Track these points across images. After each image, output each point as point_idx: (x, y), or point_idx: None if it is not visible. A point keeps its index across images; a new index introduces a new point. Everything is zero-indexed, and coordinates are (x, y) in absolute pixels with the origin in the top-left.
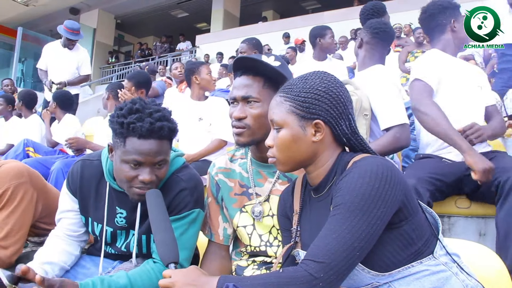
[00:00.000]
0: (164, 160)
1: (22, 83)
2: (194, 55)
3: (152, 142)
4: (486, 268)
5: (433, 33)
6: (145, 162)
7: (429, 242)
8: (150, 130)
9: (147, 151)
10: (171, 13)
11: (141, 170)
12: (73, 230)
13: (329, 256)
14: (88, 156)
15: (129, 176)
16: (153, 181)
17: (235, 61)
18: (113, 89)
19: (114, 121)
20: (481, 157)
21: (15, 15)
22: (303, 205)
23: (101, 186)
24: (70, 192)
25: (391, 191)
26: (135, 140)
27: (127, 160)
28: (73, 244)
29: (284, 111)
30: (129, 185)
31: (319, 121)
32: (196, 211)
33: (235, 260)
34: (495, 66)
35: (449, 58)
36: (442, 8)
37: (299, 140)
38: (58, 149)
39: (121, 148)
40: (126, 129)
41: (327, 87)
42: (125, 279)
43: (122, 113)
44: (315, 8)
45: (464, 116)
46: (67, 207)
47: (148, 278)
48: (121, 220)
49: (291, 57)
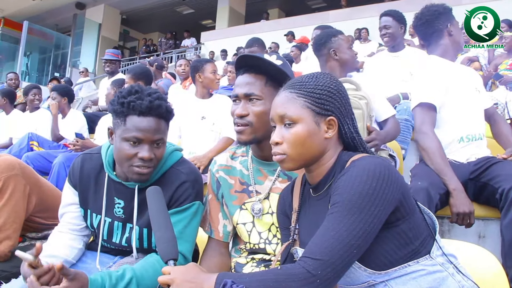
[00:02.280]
0: (162, 140)
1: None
2: (199, 52)
3: (150, 120)
4: (485, 270)
5: (431, 39)
6: (144, 139)
7: (426, 242)
8: (149, 107)
9: (146, 128)
10: (176, 10)
11: (140, 147)
12: (76, 224)
13: (326, 253)
14: (89, 151)
15: (129, 154)
16: (152, 158)
17: (237, 59)
18: (120, 85)
19: (115, 102)
20: (465, 200)
21: (21, 9)
22: (302, 203)
23: (100, 177)
24: (72, 185)
25: (388, 190)
26: (135, 118)
27: (127, 138)
28: (76, 239)
29: (299, 107)
30: (129, 163)
31: (333, 117)
32: (197, 203)
33: (234, 257)
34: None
35: (449, 65)
36: (437, 14)
37: (314, 136)
38: (63, 143)
39: (121, 127)
40: (127, 107)
41: (337, 86)
42: (131, 273)
43: (122, 95)
44: (320, 7)
45: (467, 121)
46: (69, 201)
47: (154, 270)
48: (119, 210)
49: (295, 55)
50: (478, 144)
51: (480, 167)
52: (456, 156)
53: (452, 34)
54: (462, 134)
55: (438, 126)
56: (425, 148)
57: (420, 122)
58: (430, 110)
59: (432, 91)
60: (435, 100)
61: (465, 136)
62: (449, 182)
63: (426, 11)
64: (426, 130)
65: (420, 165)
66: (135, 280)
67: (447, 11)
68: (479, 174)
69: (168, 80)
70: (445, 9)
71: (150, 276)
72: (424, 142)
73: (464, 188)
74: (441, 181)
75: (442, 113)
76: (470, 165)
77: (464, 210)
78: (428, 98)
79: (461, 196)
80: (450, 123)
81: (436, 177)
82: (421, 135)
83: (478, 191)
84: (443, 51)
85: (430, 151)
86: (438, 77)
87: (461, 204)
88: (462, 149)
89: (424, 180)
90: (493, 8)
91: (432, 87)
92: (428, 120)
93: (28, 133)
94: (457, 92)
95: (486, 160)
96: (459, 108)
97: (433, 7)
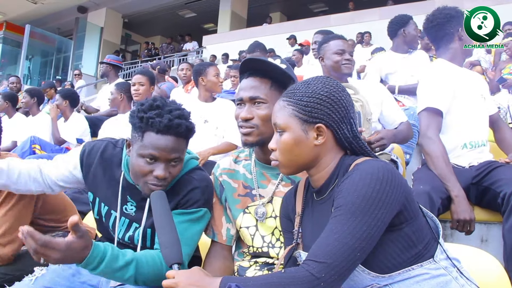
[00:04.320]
0: (179, 158)
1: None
2: (201, 56)
3: (169, 138)
4: (487, 274)
5: (441, 42)
6: (160, 157)
7: (429, 245)
8: (168, 126)
9: (163, 146)
10: (178, 13)
11: (156, 165)
12: (55, 177)
13: (330, 256)
14: (115, 141)
15: (144, 170)
16: (166, 177)
17: (242, 62)
18: (125, 88)
19: (135, 115)
20: (466, 207)
21: (23, 13)
22: (305, 207)
23: (116, 172)
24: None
25: (392, 193)
26: (153, 135)
27: (144, 154)
28: (38, 180)
29: (287, 115)
30: (143, 180)
31: (321, 125)
32: (204, 210)
33: (238, 261)
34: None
35: (457, 70)
36: (449, 17)
37: (301, 144)
38: (65, 147)
39: (138, 142)
40: (145, 123)
41: (329, 91)
42: (132, 255)
43: (142, 109)
44: (322, 11)
45: (471, 127)
46: (69, 168)
47: (153, 260)
48: (131, 208)
49: (297, 59)
50: (481, 150)
51: (482, 171)
52: (459, 160)
53: (462, 38)
54: (466, 140)
55: (442, 131)
56: (429, 153)
57: (426, 126)
58: (436, 115)
59: (439, 96)
60: (442, 105)
61: (469, 143)
62: (452, 188)
63: (438, 14)
64: (431, 134)
65: (423, 169)
66: (135, 263)
67: (459, 15)
68: (481, 179)
69: (171, 83)
70: (457, 13)
71: (150, 266)
72: (428, 146)
73: (466, 192)
74: (441, 185)
75: (447, 118)
76: (472, 170)
77: (465, 217)
78: (435, 103)
79: (463, 203)
80: (454, 129)
81: (439, 182)
82: (426, 140)
83: (480, 195)
84: (452, 56)
85: (434, 156)
86: (446, 82)
87: (462, 211)
88: (465, 154)
89: (426, 184)
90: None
91: (440, 92)
92: (434, 125)
93: (30, 137)
94: (463, 98)
95: (488, 164)
96: (464, 114)
97: (445, 10)
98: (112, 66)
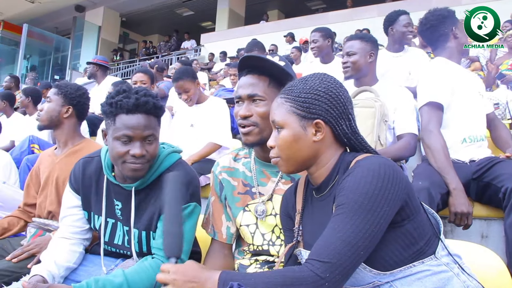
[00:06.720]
0: (153, 136)
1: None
2: (199, 54)
3: (139, 117)
4: (488, 269)
5: (437, 43)
6: (134, 136)
7: (431, 242)
8: (136, 105)
9: (135, 125)
10: (176, 11)
11: (131, 145)
12: (77, 226)
13: (334, 255)
14: (89, 154)
15: (121, 152)
16: (144, 155)
17: (241, 60)
18: None
19: (105, 103)
20: (464, 200)
21: (20, 12)
22: (305, 204)
23: (100, 180)
24: (73, 190)
25: (394, 190)
26: (123, 116)
27: (118, 137)
28: (76, 243)
29: (285, 112)
30: (122, 160)
31: (319, 120)
32: (192, 204)
33: (238, 259)
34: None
35: (455, 68)
36: (442, 18)
37: (300, 140)
38: None
39: (112, 127)
40: (115, 107)
41: (326, 87)
42: (122, 277)
43: (111, 95)
44: (320, 8)
45: (470, 122)
46: (71, 204)
47: (146, 274)
48: (118, 212)
49: (295, 57)
50: (479, 144)
51: (483, 167)
52: (458, 155)
53: (457, 36)
54: (465, 135)
55: (442, 126)
56: (430, 146)
57: (427, 120)
58: (437, 109)
59: (440, 91)
60: (443, 100)
61: (468, 137)
62: (450, 181)
63: (430, 16)
64: (432, 128)
65: (422, 165)
66: (126, 284)
67: (451, 14)
68: (481, 174)
69: (169, 82)
70: (449, 12)
71: (143, 280)
72: (429, 140)
73: (467, 188)
74: (442, 181)
75: (447, 114)
76: (473, 165)
77: (463, 210)
78: (436, 97)
79: (461, 196)
80: (454, 124)
81: (438, 177)
82: (427, 133)
83: (481, 191)
84: (449, 54)
85: (435, 149)
86: (445, 78)
87: (460, 204)
88: (464, 149)
89: (426, 180)
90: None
91: (440, 87)
92: (435, 119)
93: (29, 136)
94: (462, 94)
95: (489, 160)
96: (463, 110)
97: (437, 11)
98: (99, 67)
